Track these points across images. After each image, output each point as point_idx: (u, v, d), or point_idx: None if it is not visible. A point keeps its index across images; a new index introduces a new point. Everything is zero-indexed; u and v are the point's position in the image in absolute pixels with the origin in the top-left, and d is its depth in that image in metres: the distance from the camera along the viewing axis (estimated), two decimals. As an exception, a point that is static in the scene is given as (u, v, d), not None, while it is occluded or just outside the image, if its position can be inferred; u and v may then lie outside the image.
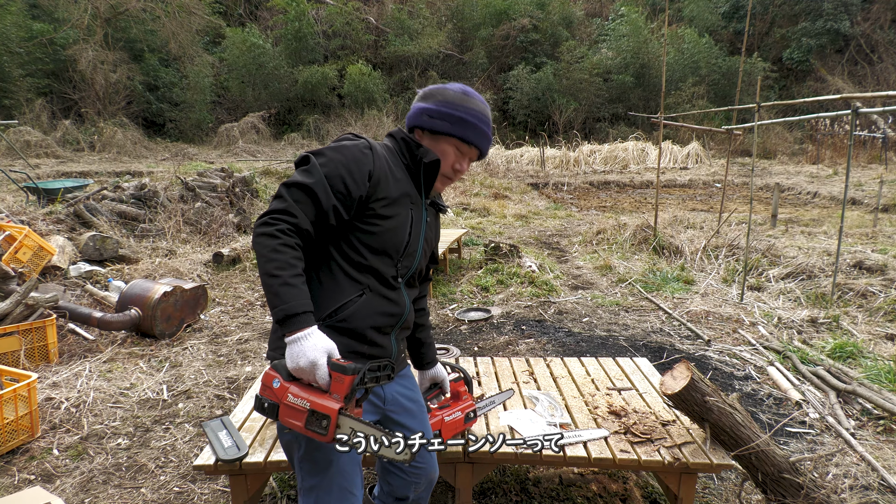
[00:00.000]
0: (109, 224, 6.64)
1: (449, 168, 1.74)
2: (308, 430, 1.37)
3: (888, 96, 4.74)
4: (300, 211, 1.48)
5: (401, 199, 1.65)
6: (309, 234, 1.51)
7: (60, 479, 2.85)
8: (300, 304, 1.42)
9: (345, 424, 1.36)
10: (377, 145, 1.64)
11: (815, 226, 9.46)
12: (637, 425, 2.43)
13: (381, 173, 1.59)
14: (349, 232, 1.59)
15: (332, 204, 1.51)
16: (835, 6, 22.85)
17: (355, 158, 1.55)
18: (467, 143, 1.70)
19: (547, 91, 22.41)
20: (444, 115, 1.68)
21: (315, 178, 1.50)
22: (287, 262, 1.44)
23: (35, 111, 18.32)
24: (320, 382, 1.39)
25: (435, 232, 1.87)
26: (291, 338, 1.41)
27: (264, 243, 1.44)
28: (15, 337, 3.83)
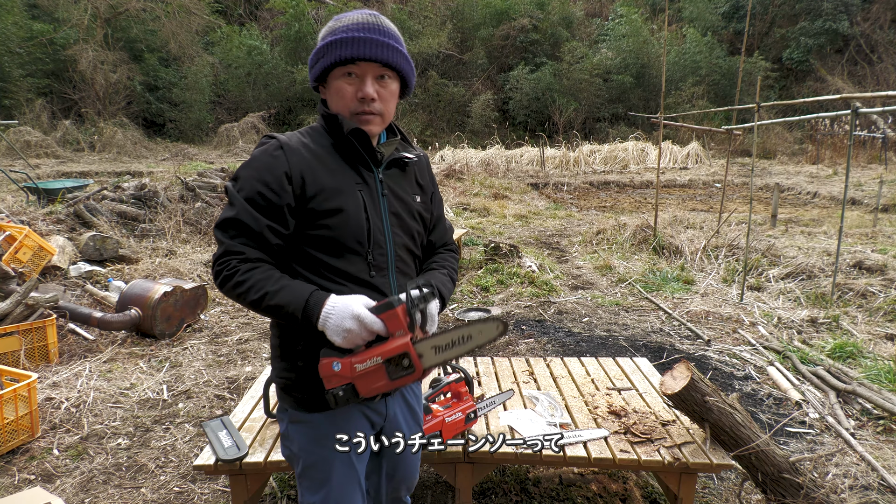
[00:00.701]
0: (109, 224, 6.64)
1: (353, 102, 1.46)
2: (396, 380, 1.31)
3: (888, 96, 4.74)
4: (240, 245, 1.39)
5: (341, 186, 1.46)
6: (265, 259, 1.42)
7: (60, 479, 2.85)
8: (301, 293, 1.36)
9: (425, 350, 1.31)
10: (292, 138, 1.47)
11: (815, 226, 9.47)
12: (637, 425, 2.43)
13: (302, 168, 1.42)
14: (303, 244, 1.46)
15: (265, 225, 1.39)
16: (834, 6, 22.85)
17: (266, 166, 1.41)
18: (349, 61, 1.42)
19: (547, 91, 22.41)
20: (318, 53, 1.46)
21: (237, 207, 1.40)
22: (259, 280, 1.37)
23: (35, 111, 18.33)
24: (376, 329, 1.32)
25: (406, 199, 1.59)
26: (322, 321, 1.34)
27: (228, 287, 1.38)
28: (15, 337, 3.83)
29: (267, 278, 1.37)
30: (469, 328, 1.36)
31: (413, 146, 1.66)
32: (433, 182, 1.75)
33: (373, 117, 1.48)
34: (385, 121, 1.51)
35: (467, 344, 1.36)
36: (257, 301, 1.36)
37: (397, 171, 1.59)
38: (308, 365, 1.48)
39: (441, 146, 19.83)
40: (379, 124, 1.50)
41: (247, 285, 1.36)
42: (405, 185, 1.60)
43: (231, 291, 1.38)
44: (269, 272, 1.39)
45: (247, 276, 1.37)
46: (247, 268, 1.37)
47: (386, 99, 1.49)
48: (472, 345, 1.36)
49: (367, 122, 1.48)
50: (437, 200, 1.75)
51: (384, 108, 1.48)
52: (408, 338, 1.30)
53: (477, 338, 1.36)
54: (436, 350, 1.31)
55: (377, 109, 1.47)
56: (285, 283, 1.38)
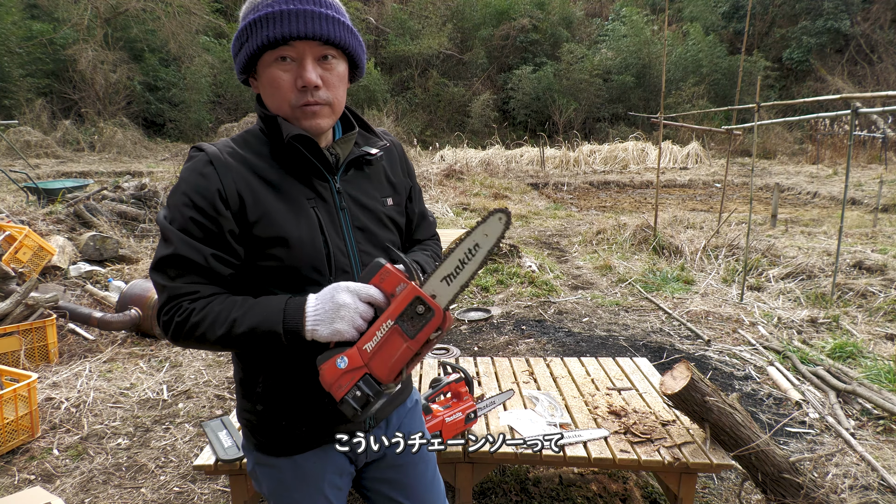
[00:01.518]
0: (109, 224, 6.64)
1: (292, 94, 1.17)
2: (418, 333, 1.09)
3: (888, 96, 4.74)
4: (188, 285, 1.15)
5: (288, 206, 1.20)
6: (222, 293, 1.18)
7: (60, 479, 2.85)
8: (274, 304, 1.14)
9: (434, 286, 1.13)
10: (223, 149, 1.20)
11: (815, 226, 9.47)
12: (637, 425, 2.43)
13: (239, 187, 1.16)
14: (255, 276, 1.22)
15: (210, 254, 1.15)
16: (835, 5, 22.85)
17: (196, 188, 1.15)
18: (280, 42, 1.12)
19: (547, 91, 22.42)
20: (239, 37, 1.18)
21: (173, 243, 1.14)
22: (220, 311, 1.13)
23: (35, 111, 18.33)
24: (372, 294, 1.12)
25: (373, 206, 1.32)
26: (311, 321, 1.11)
27: (185, 333, 1.14)
28: (15, 337, 3.83)
29: (229, 305, 1.14)
30: (470, 237, 1.14)
31: (378, 135, 1.38)
32: (409, 173, 1.48)
33: (319, 108, 1.19)
34: (336, 111, 1.23)
35: (477, 255, 1.13)
36: (226, 334, 1.11)
37: (359, 172, 1.33)
38: (268, 409, 1.29)
39: (441, 146, 19.83)
40: (328, 116, 1.22)
41: (208, 321, 1.12)
42: (371, 188, 1.34)
43: (189, 336, 1.13)
44: (230, 299, 1.16)
45: (205, 311, 1.13)
46: (202, 304, 1.14)
47: (333, 84, 1.20)
48: (483, 253, 1.13)
49: (313, 116, 1.19)
50: (417, 195, 1.50)
51: (332, 95, 1.20)
52: (411, 284, 1.11)
53: (484, 242, 1.14)
54: (447, 280, 1.12)
55: (324, 98, 1.19)
56: (253, 303, 1.15)
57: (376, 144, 1.35)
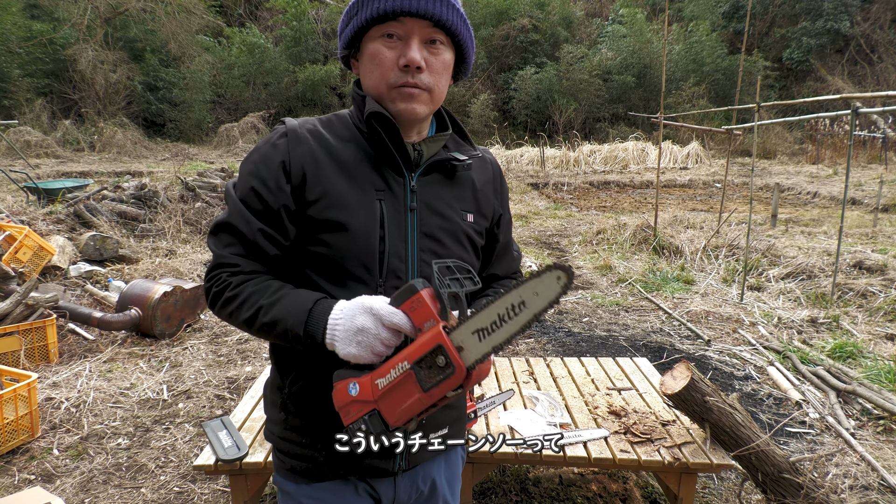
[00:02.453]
0: (109, 224, 6.64)
1: (393, 72, 1.10)
2: (433, 388, 0.96)
3: (888, 96, 4.74)
4: (233, 256, 1.12)
5: (352, 192, 1.13)
6: (263, 272, 1.14)
7: (60, 479, 2.85)
8: (303, 303, 1.06)
9: (464, 338, 0.97)
10: (304, 124, 1.17)
11: (815, 226, 9.46)
12: (637, 425, 2.43)
13: (305, 162, 1.11)
14: (301, 262, 1.15)
15: (258, 228, 1.11)
16: (835, 6, 22.86)
17: (264, 158, 1.13)
18: (390, 16, 1.07)
19: (547, 91, 22.42)
20: (349, 11, 1.13)
21: (231, 209, 1.13)
22: (252, 293, 1.09)
23: (35, 111, 18.34)
24: (396, 322, 0.99)
25: (449, 215, 1.20)
26: (330, 332, 1.02)
27: (219, 306, 1.12)
28: (15, 337, 3.83)
29: (262, 290, 1.09)
30: (516, 291, 0.96)
31: (472, 145, 1.28)
32: (502, 198, 1.34)
33: (418, 92, 1.11)
34: (435, 101, 1.15)
35: (520, 315, 0.95)
36: (250, 319, 1.08)
37: (441, 177, 1.21)
38: (290, 420, 1.20)
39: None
40: (426, 103, 1.13)
41: (238, 300, 1.09)
42: (451, 198, 1.22)
43: (222, 311, 1.12)
44: (266, 283, 1.11)
45: (238, 289, 1.10)
46: (239, 280, 1.11)
47: (437, 70, 1.12)
48: (528, 315, 0.95)
49: (409, 98, 1.11)
50: (506, 225, 1.36)
51: (434, 81, 1.12)
52: (440, 327, 0.97)
53: (532, 302, 0.95)
54: (479, 335, 0.96)
55: (425, 82, 1.10)
56: (284, 293, 1.08)
57: (467, 153, 1.24)
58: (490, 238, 1.32)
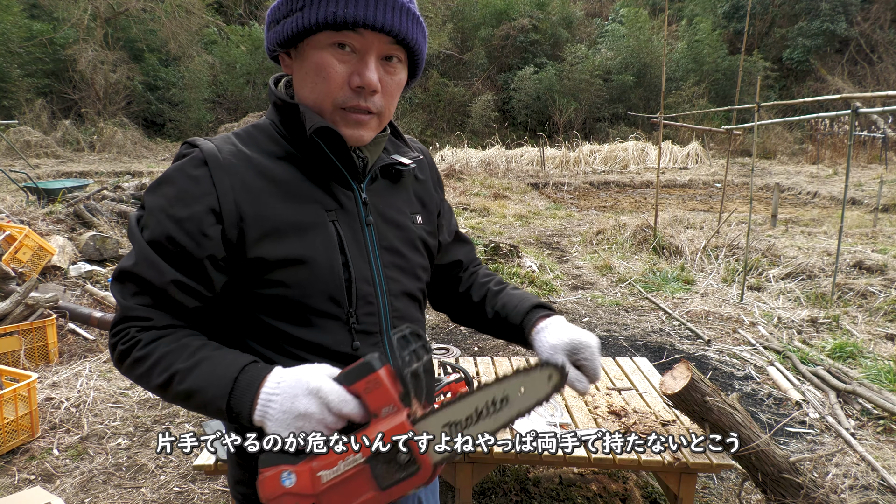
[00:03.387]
0: (109, 224, 6.64)
1: (343, 91, 0.95)
2: (391, 487, 0.82)
3: (888, 96, 4.75)
4: (142, 308, 0.94)
5: (304, 219, 0.97)
6: (178, 325, 0.97)
7: (60, 479, 2.85)
8: (227, 369, 0.89)
9: (432, 430, 0.84)
10: (223, 147, 0.97)
11: (815, 226, 9.47)
12: (637, 425, 2.43)
13: (239, 197, 0.93)
14: (252, 307, 0.99)
15: (171, 280, 0.92)
16: (832, 7, 22.87)
17: (180, 193, 0.93)
18: (345, 25, 0.91)
19: (547, 91, 22.44)
20: (290, 1, 0.94)
21: (136, 255, 0.94)
22: (165, 354, 0.92)
23: (35, 111, 18.34)
24: (346, 411, 0.84)
25: (403, 222, 1.10)
26: (261, 409, 0.86)
27: (126, 367, 0.95)
28: (15, 337, 3.83)
29: (178, 350, 0.92)
30: (503, 385, 0.87)
31: (407, 143, 1.18)
32: (439, 187, 1.25)
33: (368, 118, 0.98)
34: (382, 124, 1.03)
35: (500, 413, 0.87)
36: (163, 385, 0.91)
37: (387, 183, 1.11)
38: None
39: (441, 146, 19.84)
40: (374, 129, 1.02)
41: (149, 362, 0.91)
42: (400, 202, 1.12)
43: (130, 372, 0.94)
44: (183, 341, 0.94)
45: (148, 349, 0.92)
46: (150, 337, 0.93)
47: (390, 92, 1.00)
48: (510, 414, 0.88)
49: (357, 125, 0.98)
50: (447, 212, 1.28)
51: (385, 104, 1.00)
52: (403, 415, 0.82)
53: (516, 400, 0.87)
54: (450, 429, 0.83)
55: (377, 106, 0.98)
56: (204, 356, 0.91)
57: (407, 154, 1.13)
58: (438, 228, 1.22)
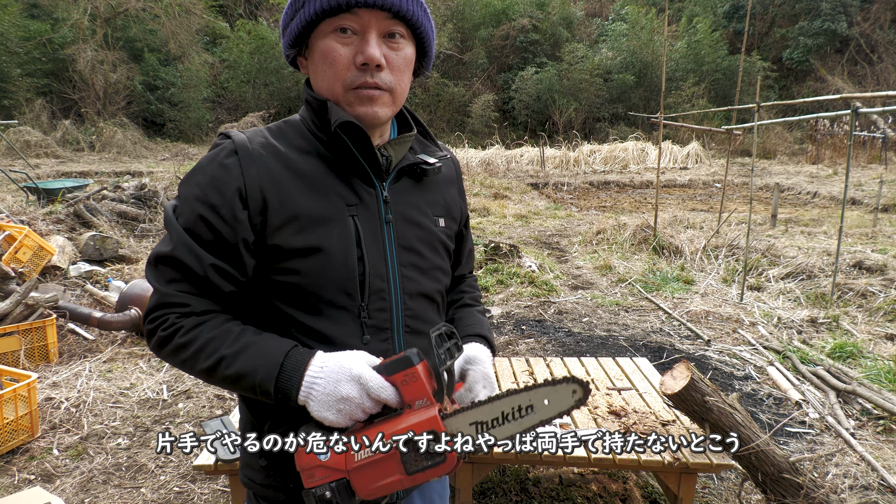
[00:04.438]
0: (109, 224, 6.64)
1: (349, 71, 0.99)
2: (417, 473, 0.90)
3: (888, 96, 4.74)
4: (180, 294, 0.97)
5: (324, 211, 1.01)
6: (216, 310, 1.00)
7: (60, 479, 2.85)
8: (272, 354, 0.94)
9: (461, 427, 0.93)
10: (254, 139, 1.02)
11: (815, 226, 9.47)
12: (637, 425, 2.43)
13: (264, 184, 0.98)
14: (266, 293, 1.03)
15: (209, 264, 0.97)
16: (833, 6, 22.88)
17: (212, 180, 0.97)
18: (341, 8, 0.95)
19: (548, 91, 22.44)
20: (294, 3, 1.00)
21: (174, 241, 0.98)
22: (210, 339, 0.95)
23: (35, 111, 18.34)
24: (384, 398, 0.91)
25: (425, 223, 1.12)
26: (305, 391, 0.92)
27: (167, 352, 0.99)
28: (15, 337, 3.83)
29: (222, 336, 0.96)
30: (529, 394, 0.94)
31: (437, 144, 1.19)
32: (463, 196, 1.26)
33: (378, 94, 1.00)
34: (396, 101, 1.04)
35: (524, 420, 0.94)
36: (209, 370, 0.95)
37: (411, 182, 1.12)
38: (273, 465, 1.05)
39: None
40: (388, 105, 1.02)
41: (193, 348, 0.95)
42: (423, 203, 1.13)
43: (173, 357, 0.98)
44: (225, 327, 0.98)
45: (192, 334, 0.96)
46: (191, 323, 0.97)
47: (398, 67, 1.01)
48: (533, 421, 0.94)
49: (369, 101, 1.00)
50: (467, 221, 1.29)
51: (395, 80, 1.01)
52: (435, 409, 0.90)
53: (541, 409, 0.94)
54: (477, 428, 0.92)
55: (386, 82, 0.99)
56: (249, 341, 0.96)
57: (435, 154, 1.15)
58: (458, 240, 1.25)
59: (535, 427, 0.95)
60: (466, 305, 1.29)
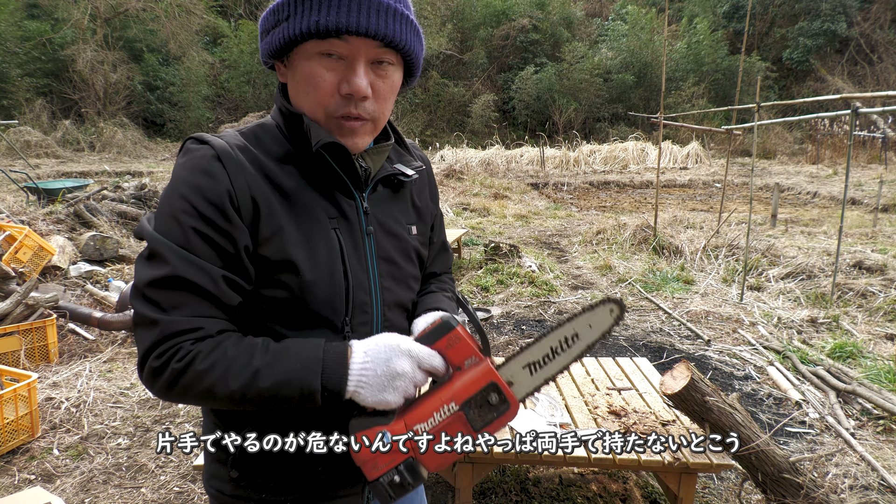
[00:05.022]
0: (109, 224, 6.65)
1: (332, 99, 0.95)
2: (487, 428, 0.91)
3: (888, 96, 4.74)
4: (190, 319, 0.88)
5: (307, 225, 0.97)
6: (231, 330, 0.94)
7: (60, 479, 2.85)
8: (308, 356, 0.89)
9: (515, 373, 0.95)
10: (231, 142, 0.95)
11: (815, 226, 9.47)
12: (637, 425, 2.43)
13: (254, 192, 0.93)
14: (252, 308, 0.98)
15: (221, 276, 0.90)
16: (832, 7, 22.88)
17: (199, 190, 0.89)
18: (331, 33, 0.89)
19: (547, 91, 22.44)
20: (276, 12, 0.93)
21: (170, 262, 0.88)
22: (236, 356, 0.88)
23: (35, 111, 18.35)
24: (435, 365, 0.91)
25: (400, 233, 1.10)
26: (355, 382, 0.88)
27: (187, 383, 0.88)
28: (15, 337, 3.83)
29: (248, 349, 0.89)
30: (572, 324, 0.96)
31: (411, 152, 1.18)
32: (435, 198, 1.25)
33: (360, 125, 0.97)
34: (377, 128, 1.02)
35: (573, 347, 0.95)
36: (244, 387, 0.87)
37: (388, 192, 1.10)
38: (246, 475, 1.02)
39: (441, 146, 19.85)
40: (369, 133, 1.01)
41: (219, 370, 0.86)
42: (398, 212, 1.12)
43: (193, 388, 0.87)
44: (247, 341, 0.91)
45: (214, 356, 0.87)
46: (210, 346, 0.88)
47: (383, 96, 0.98)
48: (582, 347, 0.96)
49: (351, 133, 0.97)
50: (439, 223, 1.28)
51: (379, 109, 0.98)
52: (487, 362, 0.91)
53: (586, 334, 0.96)
54: (531, 368, 0.94)
55: (369, 112, 0.97)
56: (280, 349, 0.90)
57: (411, 164, 1.13)
58: (431, 240, 1.24)
59: (584, 355, 0.96)
60: (431, 292, 1.23)
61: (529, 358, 0.95)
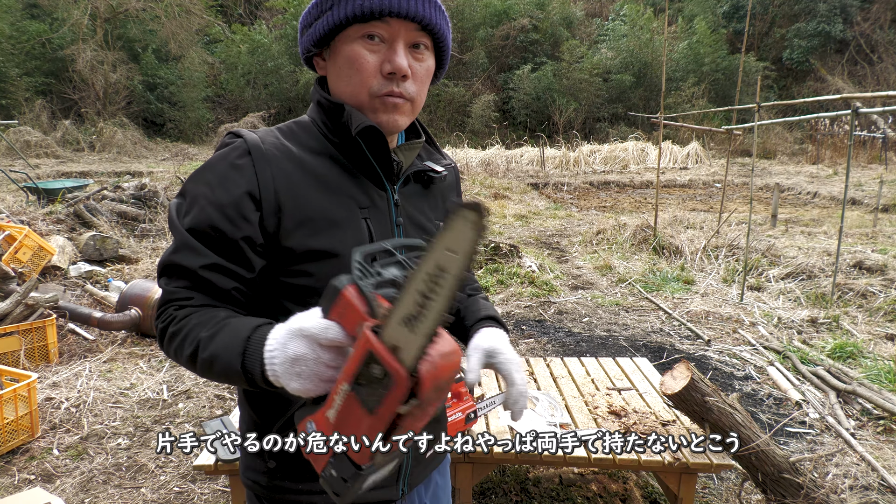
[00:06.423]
0: (109, 224, 6.65)
1: (375, 78, 0.98)
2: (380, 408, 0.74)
3: (888, 96, 4.75)
4: (181, 290, 0.96)
5: (338, 214, 1.00)
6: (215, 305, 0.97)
7: (60, 479, 2.85)
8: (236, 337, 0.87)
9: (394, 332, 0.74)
10: (266, 138, 1.00)
11: (815, 226, 9.47)
12: (637, 425, 2.43)
13: (279, 185, 0.96)
14: (277, 293, 1.01)
15: (210, 263, 0.95)
16: (829, 8, 22.87)
17: (222, 180, 0.96)
18: (373, 16, 0.95)
19: (547, 91, 22.43)
20: (320, 4, 0.99)
21: (178, 242, 0.96)
22: (194, 326, 0.92)
23: (35, 111, 18.34)
24: (330, 337, 0.78)
25: (430, 228, 1.13)
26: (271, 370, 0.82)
27: (164, 345, 0.97)
28: (15, 337, 3.83)
29: (206, 321, 0.92)
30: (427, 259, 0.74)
31: (442, 153, 1.22)
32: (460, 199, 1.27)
33: (402, 102, 1.01)
34: (415, 111, 1.06)
35: (443, 285, 0.73)
36: (191, 356, 0.91)
37: (419, 188, 1.14)
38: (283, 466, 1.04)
39: (441, 146, 19.82)
40: (408, 114, 1.04)
41: (181, 335, 0.93)
42: (427, 207, 1.14)
43: (168, 349, 0.96)
44: (212, 312, 0.94)
45: (182, 323, 0.94)
46: (184, 313, 0.94)
47: (421, 79, 1.03)
48: (451, 281, 0.72)
49: (394, 109, 1.00)
50: None
51: (417, 91, 1.02)
52: (366, 328, 0.75)
53: (451, 262, 0.73)
54: (407, 323, 0.74)
55: (409, 92, 1.01)
56: (226, 323, 0.91)
57: (440, 163, 1.17)
58: None
59: (458, 287, 0.74)
60: (467, 296, 1.26)
61: (402, 312, 0.75)
